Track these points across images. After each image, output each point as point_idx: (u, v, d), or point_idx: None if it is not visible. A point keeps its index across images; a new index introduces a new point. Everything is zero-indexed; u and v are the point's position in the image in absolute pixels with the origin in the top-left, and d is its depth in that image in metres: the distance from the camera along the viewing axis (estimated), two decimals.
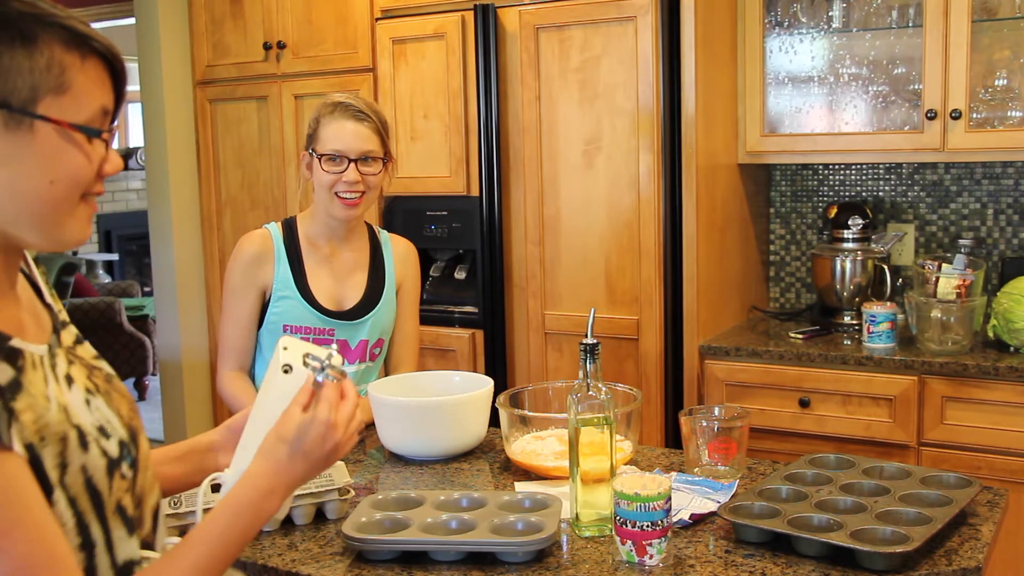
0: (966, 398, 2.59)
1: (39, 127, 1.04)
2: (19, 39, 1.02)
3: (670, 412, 2.93)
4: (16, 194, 1.05)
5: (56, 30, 1.04)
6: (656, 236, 2.90)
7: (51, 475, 1.03)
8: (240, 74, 3.73)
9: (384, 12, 3.34)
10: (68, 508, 1.05)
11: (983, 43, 2.83)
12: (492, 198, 3.15)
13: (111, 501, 1.11)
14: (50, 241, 1.09)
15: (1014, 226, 3.04)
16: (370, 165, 2.21)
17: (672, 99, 2.89)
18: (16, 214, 1.06)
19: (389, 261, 2.36)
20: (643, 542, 1.45)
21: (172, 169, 3.88)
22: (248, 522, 1.21)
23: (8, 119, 1.02)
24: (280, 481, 1.25)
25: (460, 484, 1.85)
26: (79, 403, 1.11)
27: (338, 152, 2.18)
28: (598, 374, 1.62)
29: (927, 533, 1.46)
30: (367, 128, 2.21)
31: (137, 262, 9.08)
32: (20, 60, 1.02)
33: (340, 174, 2.19)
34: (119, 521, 1.12)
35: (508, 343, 3.20)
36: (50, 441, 1.03)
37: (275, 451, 1.27)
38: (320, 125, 2.22)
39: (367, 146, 2.20)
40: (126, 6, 4.43)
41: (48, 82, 1.04)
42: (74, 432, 1.07)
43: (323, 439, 1.28)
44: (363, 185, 2.21)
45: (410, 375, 2.22)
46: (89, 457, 1.08)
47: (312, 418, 1.28)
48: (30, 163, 1.04)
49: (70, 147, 1.06)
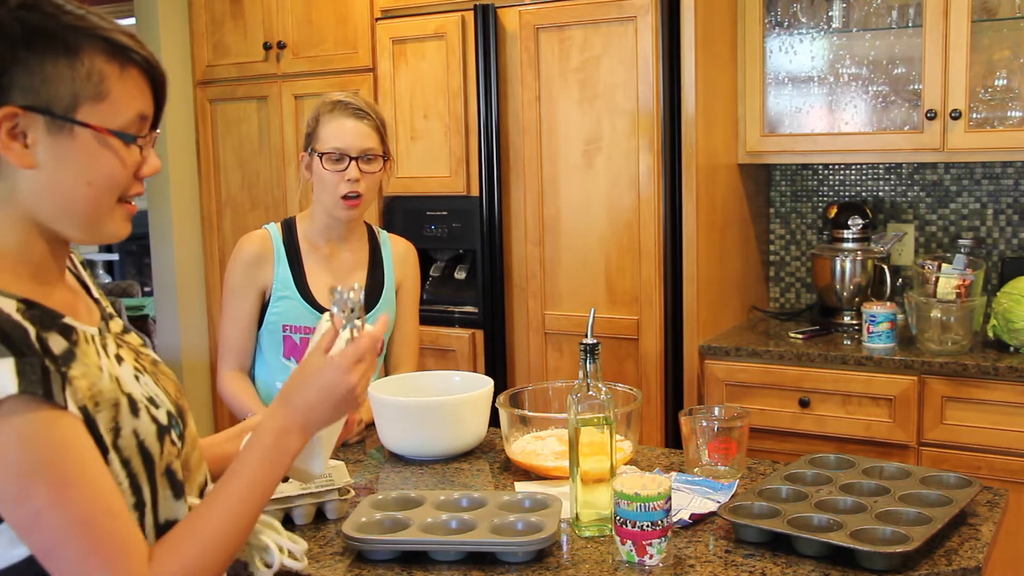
0: (966, 398, 2.59)
1: (79, 132, 1.12)
2: (63, 50, 1.10)
3: (670, 412, 2.93)
4: (56, 194, 1.13)
5: (98, 42, 1.12)
6: (656, 236, 2.90)
7: (105, 438, 1.11)
8: (240, 74, 3.73)
9: (384, 12, 3.34)
10: (122, 469, 1.13)
11: (983, 43, 2.83)
12: (492, 198, 3.15)
13: (161, 464, 1.18)
14: (89, 236, 1.18)
15: (1014, 226, 3.04)
16: (371, 163, 2.21)
17: (672, 99, 2.89)
18: (57, 212, 1.15)
19: (388, 261, 2.35)
20: (643, 542, 1.45)
21: (172, 169, 3.88)
22: (270, 461, 1.25)
23: (50, 125, 1.11)
24: (294, 420, 1.29)
25: (460, 484, 1.85)
26: (129, 377, 1.20)
27: (339, 150, 2.18)
28: (598, 374, 1.62)
29: (927, 533, 1.46)
30: (367, 126, 2.21)
31: (137, 262, 9.08)
32: (63, 70, 1.10)
33: (342, 172, 2.18)
34: (166, 483, 1.19)
35: (508, 343, 3.20)
36: (104, 406, 1.11)
37: (290, 392, 1.32)
38: (320, 124, 2.22)
39: (367, 143, 2.20)
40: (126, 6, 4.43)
41: (88, 90, 1.12)
42: (125, 399, 1.15)
43: (335, 382, 1.31)
44: (364, 183, 2.20)
45: (410, 375, 2.22)
46: (140, 422, 1.16)
47: (327, 361, 1.32)
48: (70, 166, 1.13)
49: (106, 151, 1.14)
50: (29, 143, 1.11)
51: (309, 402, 1.30)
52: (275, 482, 1.26)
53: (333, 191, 2.20)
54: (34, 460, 1.03)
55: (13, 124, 1.10)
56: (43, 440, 1.03)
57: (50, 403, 1.04)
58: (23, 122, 1.10)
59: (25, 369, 1.02)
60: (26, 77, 1.09)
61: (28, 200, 1.13)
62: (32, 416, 1.02)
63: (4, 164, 1.11)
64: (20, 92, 1.09)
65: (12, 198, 1.13)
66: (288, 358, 2.25)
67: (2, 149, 1.10)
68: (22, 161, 1.11)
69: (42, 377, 1.03)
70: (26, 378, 1.02)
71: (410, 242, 2.44)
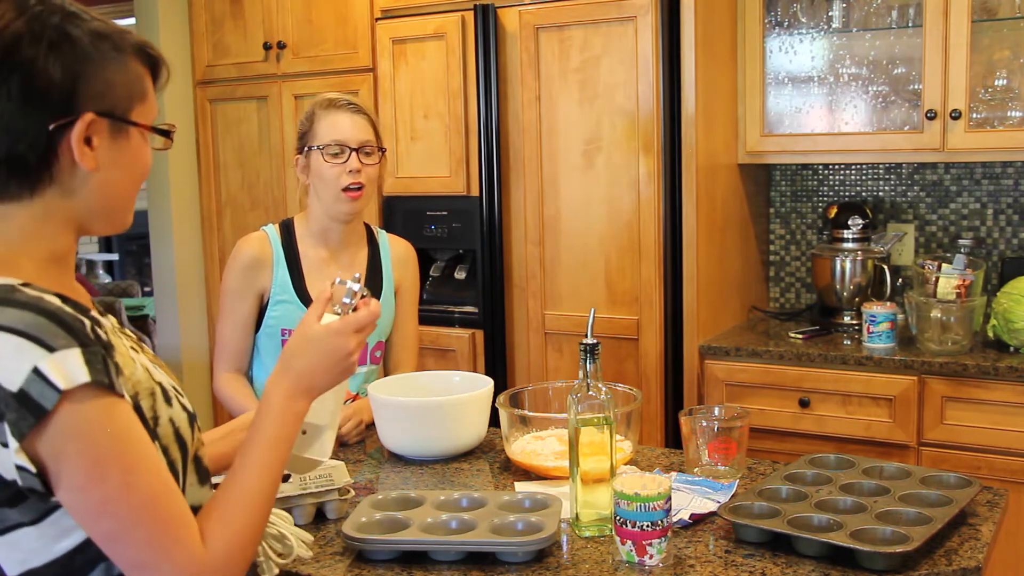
0: (966, 398, 2.59)
1: (132, 132, 1.17)
2: (116, 54, 1.14)
3: (670, 412, 2.93)
4: (108, 193, 1.17)
5: (133, 44, 1.17)
6: (656, 236, 2.90)
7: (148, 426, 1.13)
8: (240, 74, 3.73)
9: (384, 12, 3.34)
10: (162, 457, 1.14)
11: (983, 43, 2.83)
12: (492, 198, 3.15)
13: (191, 450, 1.22)
14: (115, 229, 1.23)
15: (1014, 226, 3.04)
16: (370, 156, 2.22)
17: (672, 99, 2.89)
18: (102, 209, 1.18)
19: (387, 263, 2.35)
20: (643, 542, 1.45)
21: (172, 169, 3.88)
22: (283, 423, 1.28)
23: (112, 127, 1.15)
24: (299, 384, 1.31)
25: (460, 484, 1.85)
26: (151, 366, 1.23)
27: (338, 142, 2.19)
28: (598, 374, 1.62)
29: (927, 533, 1.46)
30: (363, 119, 2.22)
31: (137, 262, 9.08)
32: (119, 74, 1.15)
33: (343, 164, 2.18)
34: (194, 469, 1.23)
35: (508, 343, 3.20)
36: (143, 395, 1.15)
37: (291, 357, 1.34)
38: (315, 120, 2.23)
39: (365, 135, 2.21)
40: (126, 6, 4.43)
41: (137, 91, 1.17)
42: (158, 388, 1.18)
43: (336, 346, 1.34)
44: (364, 175, 2.21)
45: (410, 375, 2.22)
46: (174, 411, 1.19)
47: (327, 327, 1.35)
48: (123, 165, 1.17)
49: (146, 148, 1.20)
50: (95, 146, 1.13)
51: (312, 366, 1.32)
52: (290, 445, 1.29)
53: (335, 184, 2.19)
54: (105, 447, 1.05)
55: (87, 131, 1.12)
56: (111, 427, 1.06)
57: (114, 391, 1.07)
58: (92, 127, 1.12)
59: (91, 358, 1.05)
60: (94, 83, 1.12)
61: (82, 200, 1.15)
62: (100, 403, 1.05)
63: (66, 167, 1.13)
64: (92, 98, 1.12)
65: (64, 202, 1.15)
66: None
67: (79, 156, 1.12)
68: (91, 164, 1.13)
69: (104, 366, 1.06)
70: (93, 367, 1.04)
71: (409, 243, 2.44)
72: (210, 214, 3.90)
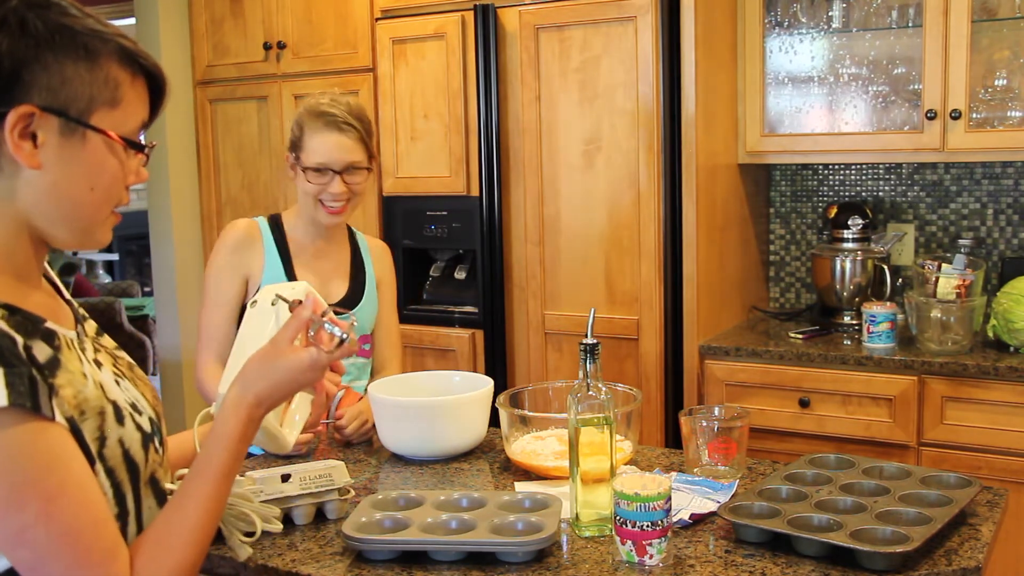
0: (966, 398, 2.59)
1: (90, 137, 1.11)
2: (84, 52, 1.09)
3: (670, 412, 2.93)
4: (58, 198, 1.11)
5: (115, 47, 1.11)
6: (656, 236, 2.90)
7: (91, 448, 1.09)
8: (240, 74, 3.73)
9: (384, 12, 3.34)
10: (107, 479, 1.11)
11: (983, 43, 2.83)
12: (492, 198, 3.15)
13: (145, 472, 1.18)
14: (79, 242, 1.17)
15: (1014, 226, 3.04)
16: (355, 175, 2.21)
17: (672, 99, 2.89)
18: (55, 216, 1.12)
19: (368, 260, 2.37)
20: (643, 542, 1.45)
21: (172, 169, 3.88)
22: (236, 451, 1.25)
23: (64, 127, 1.09)
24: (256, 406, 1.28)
25: (460, 484, 1.85)
26: (111, 382, 1.18)
27: (323, 165, 2.17)
28: (598, 374, 1.62)
29: (927, 533, 1.46)
30: (351, 139, 2.18)
31: (137, 262, 9.08)
32: (82, 72, 1.09)
33: (325, 185, 2.18)
34: (150, 491, 1.19)
35: (508, 343, 3.20)
36: (89, 415, 1.10)
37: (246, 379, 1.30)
38: (304, 134, 2.19)
39: (352, 157, 2.19)
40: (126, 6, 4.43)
41: (104, 95, 1.11)
42: (110, 407, 1.13)
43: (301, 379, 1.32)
44: (348, 194, 2.21)
45: (410, 375, 2.22)
46: (125, 431, 1.14)
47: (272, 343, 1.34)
48: (76, 170, 1.11)
49: (112, 158, 1.13)
50: (40, 143, 1.08)
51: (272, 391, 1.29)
52: (240, 465, 1.26)
53: (314, 201, 2.21)
54: (23, 474, 1.01)
55: (27, 124, 1.07)
56: (31, 453, 1.01)
57: (38, 415, 1.02)
58: (37, 122, 1.07)
59: (13, 380, 1.00)
60: (46, 76, 1.07)
61: (27, 201, 1.11)
62: (21, 429, 1.00)
63: (8, 162, 1.09)
64: (39, 91, 1.07)
65: (10, 198, 1.11)
66: None
67: (13, 148, 1.07)
68: (30, 161, 1.08)
69: (30, 388, 1.01)
70: (15, 390, 1.00)
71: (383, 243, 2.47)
72: (210, 214, 3.90)
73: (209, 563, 1.57)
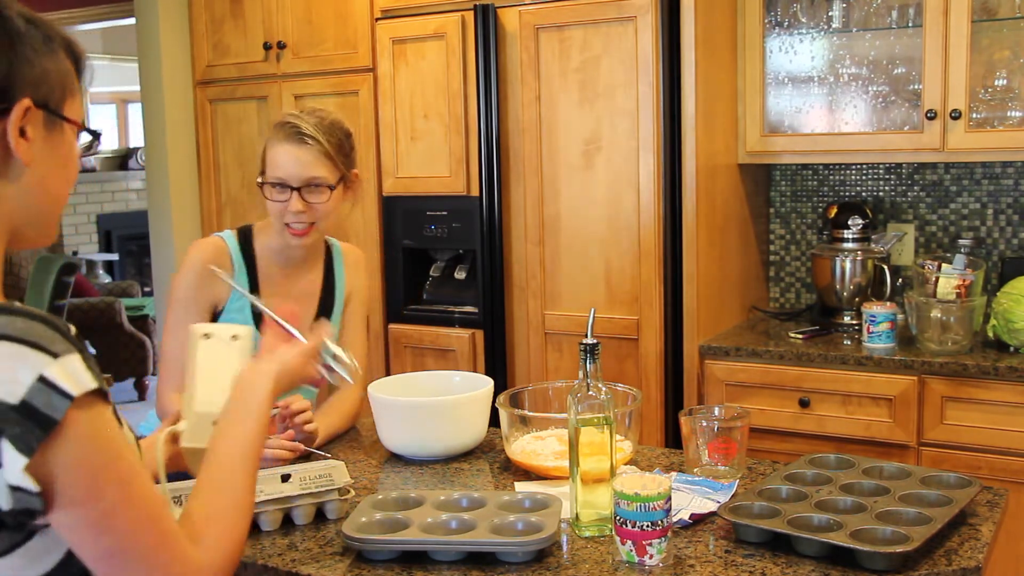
0: (966, 398, 2.59)
1: (65, 129, 1.09)
2: (47, 43, 1.07)
3: (670, 412, 2.93)
4: (43, 195, 1.09)
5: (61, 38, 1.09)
6: (656, 236, 2.90)
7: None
8: (240, 74, 3.73)
9: (384, 12, 3.34)
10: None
11: (983, 43, 2.83)
12: (492, 198, 3.15)
13: None
14: (43, 238, 1.13)
15: (1014, 226, 3.04)
16: (316, 193, 2.04)
17: (672, 99, 2.89)
18: (36, 214, 1.10)
19: (340, 277, 2.24)
20: (643, 542, 1.45)
21: (172, 169, 3.88)
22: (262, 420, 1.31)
23: (47, 120, 1.07)
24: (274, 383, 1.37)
25: (460, 484, 1.85)
26: None
27: (280, 180, 2.03)
28: (598, 374, 1.62)
29: (927, 533, 1.46)
30: (310, 153, 2.02)
31: (137, 262, 9.08)
32: (50, 64, 1.07)
33: (285, 203, 2.03)
34: None
35: (508, 343, 3.20)
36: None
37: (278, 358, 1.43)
38: (267, 147, 2.07)
39: (310, 172, 2.02)
40: (126, 6, 4.43)
41: (67, 85, 1.09)
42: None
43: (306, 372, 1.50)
44: (310, 215, 2.05)
45: (410, 375, 2.22)
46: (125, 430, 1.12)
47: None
48: (57, 165, 1.09)
49: (76, 148, 1.12)
50: (29, 139, 1.05)
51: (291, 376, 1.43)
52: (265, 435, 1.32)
53: (279, 219, 2.07)
54: (102, 457, 0.99)
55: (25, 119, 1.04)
56: (110, 436, 1.00)
57: (108, 399, 1.01)
58: (28, 117, 1.04)
59: (90, 365, 0.99)
60: (29, 71, 1.04)
61: (13, 203, 1.07)
62: (101, 411, 1.00)
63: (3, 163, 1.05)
64: (27, 86, 1.04)
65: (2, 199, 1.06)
66: None
67: (15, 145, 1.03)
68: (27, 157, 1.05)
69: (99, 372, 1.01)
70: (95, 373, 0.99)
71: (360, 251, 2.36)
72: (210, 214, 3.90)
73: None
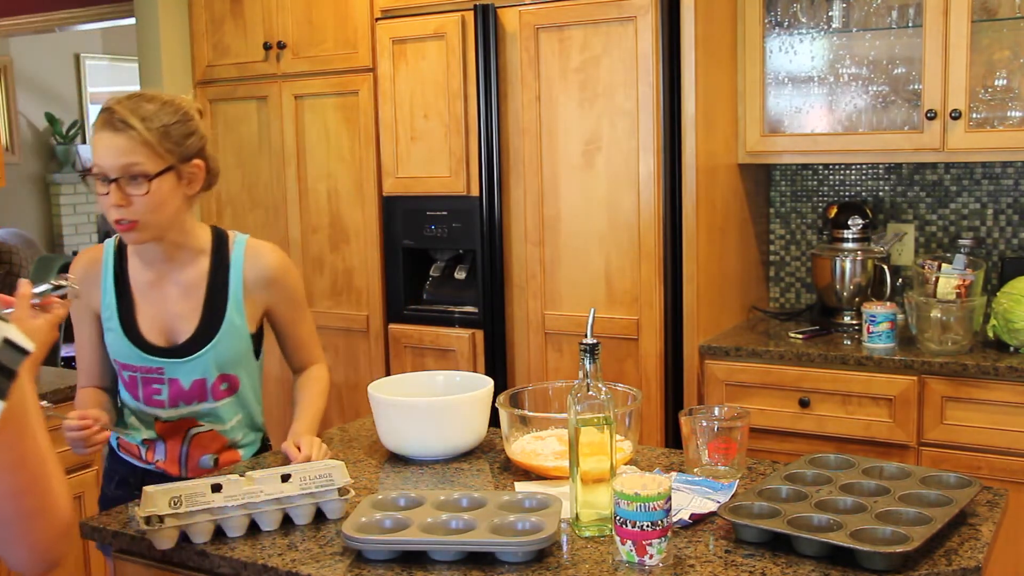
0: (966, 398, 2.59)
1: None
2: None
3: (670, 412, 2.93)
4: None
5: None
6: (656, 236, 2.90)
7: None
8: (240, 74, 3.73)
9: (384, 12, 3.34)
10: None
11: (983, 43, 2.83)
12: (492, 198, 3.15)
13: None
14: None
15: (1014, 226, 3.04)
16: (135, 185, 1.83)
17: (672, 99, 2.89)
18: None
19: (237, 283, 1.99)
20: (643, 542, 1.45)
21: None
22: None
23: None
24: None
25: (460, 484, 1.85)
26: None
27: (96, 169, 1.84)
28: (598, 374, 1.62)
29: (927, 533, 1.46)
30: (126, 139, 1.81)
31: None
32: None
33: (106, 196, 1.84)
34: None
35: (508, 343, 3.20)
36: None
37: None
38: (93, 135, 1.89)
39: (125, 159, 1.81)
40: (126, 6, 4.43)
41: None
42: None
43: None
44: (133, 209, 1.84)
45: (410, 375, 2.22)
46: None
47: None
48: None
49: None
50: None
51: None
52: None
53: (109, 216, 1.87)
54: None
55: None
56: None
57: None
58: None
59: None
60: None
61: None
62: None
63: None
64: None
65: None
66: (127, 392, 2.01)
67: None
68: None
69: None
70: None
71: (274, 250, 2.07)
72: (210, 214, 3.90)
73: (209, 563, 1.58)
